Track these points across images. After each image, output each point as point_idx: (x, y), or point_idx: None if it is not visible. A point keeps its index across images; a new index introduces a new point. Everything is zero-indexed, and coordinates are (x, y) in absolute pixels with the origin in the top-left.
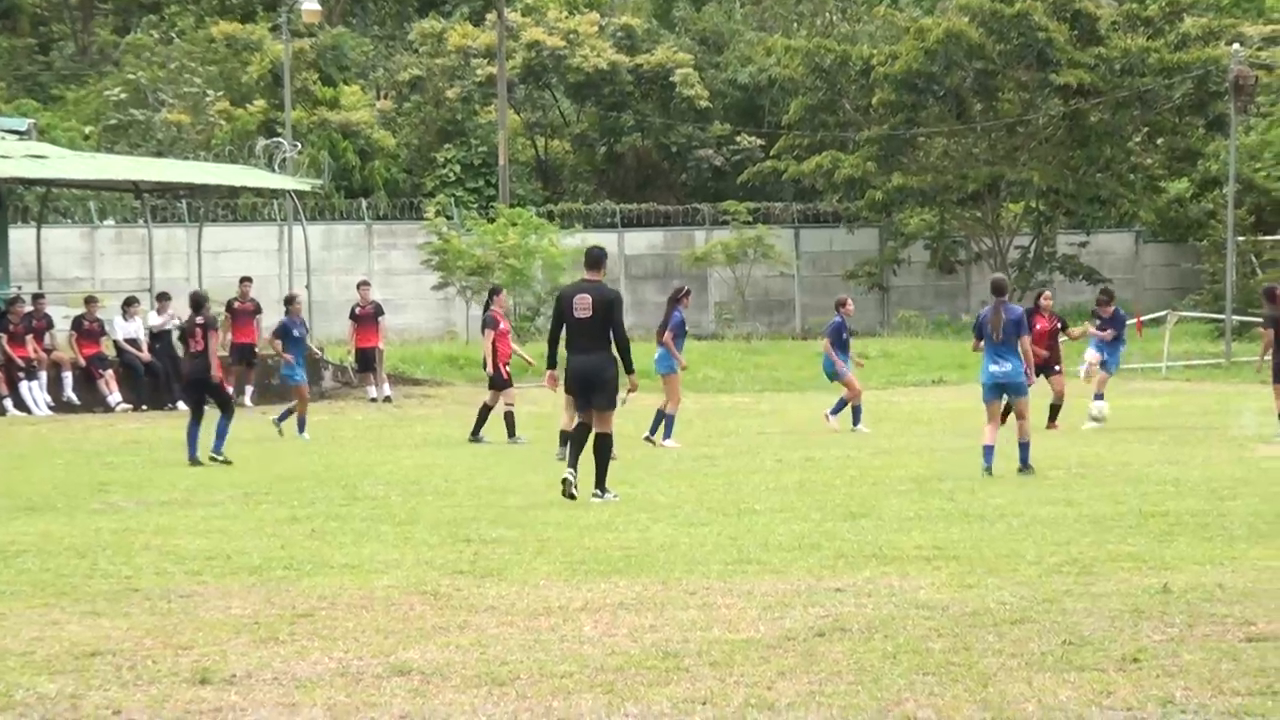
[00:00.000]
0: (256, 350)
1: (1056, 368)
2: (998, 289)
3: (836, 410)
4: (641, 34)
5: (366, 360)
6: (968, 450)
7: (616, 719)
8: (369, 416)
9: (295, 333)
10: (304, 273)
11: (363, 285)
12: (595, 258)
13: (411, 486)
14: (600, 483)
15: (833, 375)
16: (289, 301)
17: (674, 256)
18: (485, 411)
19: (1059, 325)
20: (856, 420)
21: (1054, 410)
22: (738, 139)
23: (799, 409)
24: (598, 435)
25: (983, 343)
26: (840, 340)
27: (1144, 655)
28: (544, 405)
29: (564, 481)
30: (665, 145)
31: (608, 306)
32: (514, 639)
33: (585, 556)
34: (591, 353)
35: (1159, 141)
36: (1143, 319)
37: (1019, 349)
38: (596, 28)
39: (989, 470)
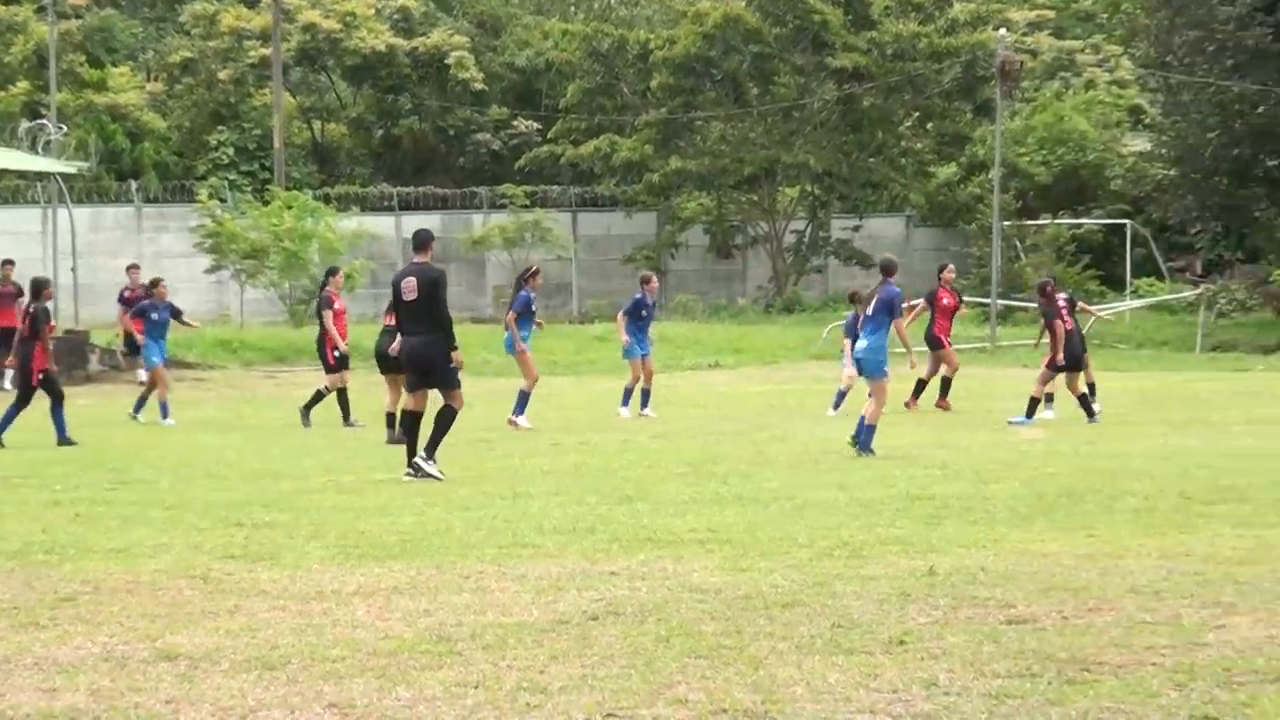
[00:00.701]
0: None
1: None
2: (886, 269)
3: (625, 401)
4: (419, 16)
5: (135, 344)
6: (743, 434)
7: (388, 703)
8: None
9: (155, 315)
10: (69, 256)
11: (132, 269)
12: (422, 240)
13: (182, 470)
14: (431, 449)
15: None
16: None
17: (452, 240)
18: (323, 396)
19: (959, 300)
20: (645, 403)
21: (945, 384)
22: (515, 123)
23: (576, 393)
24: (445, 406)
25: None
26: (639, 317)
27: (910, 638)
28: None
29: (413, 470)
30: (443, 129)
31: (431, 286)
32: (285, 623)
33: (359, 540)
34: (421, 335)
35: (929, 126)
36: (912, 303)
37: (887, 330)
38: (373, 10)
39: (850, 443)
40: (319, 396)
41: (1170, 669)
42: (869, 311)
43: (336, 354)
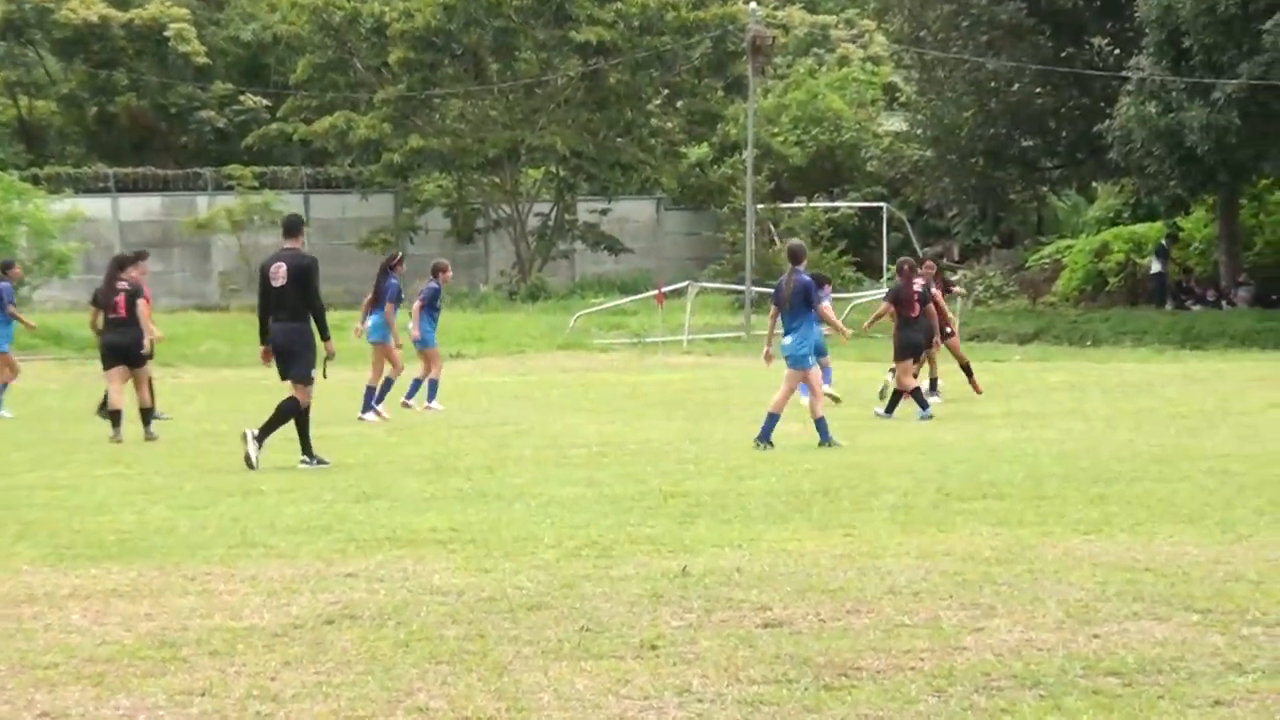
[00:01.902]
0: None
1: (949, 330)
2: (794, 256)
3: (411, 394)
4: None
5: None
6: (487, 427)
7: (106, 712)
8: None
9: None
10: None
11: None
12: (291, 224)
13: None
14: (264, 433)
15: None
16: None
17: (174, 224)
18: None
19: (944, 287)
20: (431, 396)
21: (967, 371)
22: (241, 99)
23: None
24: (289, 397)
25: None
26: (435, 309)
27: (662, 642)
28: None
29: (304, 459)
30: (163, 106)
31: (302, 274)
32: None
33: (74, 540)
34: (286, 322)
35: (679, 104)
36: (664, 290)
37: (813, 320)
38: None
39: (824, 444)
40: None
41: (929, 674)
42: (787, 305)
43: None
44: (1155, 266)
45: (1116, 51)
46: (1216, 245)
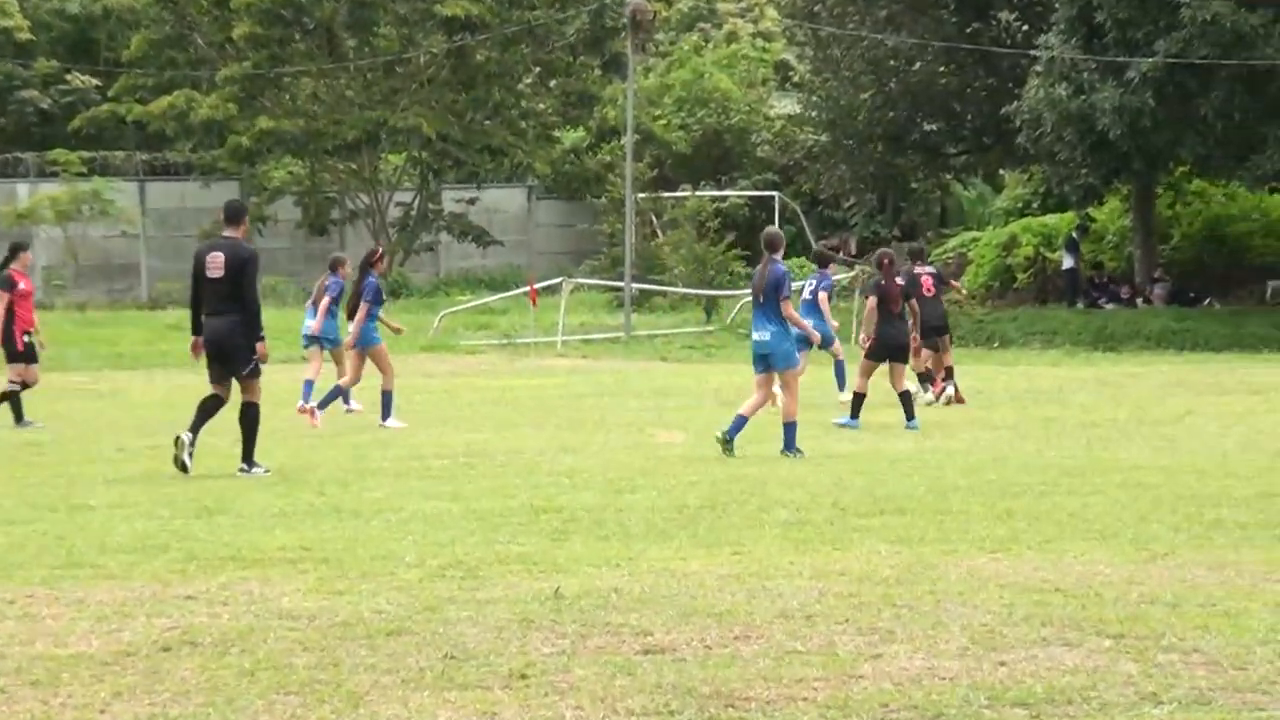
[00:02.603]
0: None
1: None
2: (770, 243)
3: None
4: None
5: None
6: (342, 436)
7: None
8: None
9: None
10: None
11: None
12: (234, 211)
13: None
14: (247, 456)
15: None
16: None
17: None
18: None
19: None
20: (311, 397)
21: (948, 374)
22: (68, 78)
23: (146, 390)
24: (244, 404)
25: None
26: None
27: (532, 670)
28: None
29: (177, 442)
30: None
31: (242, 265)
32: None
33: None
34: (223, 315)
35: (552, 84)
36: (536, 286)
37: (785, 315)
38: None
39: (725, 440)
40: (12, 395)
41: (823, 704)
42: (761, 298)
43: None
44: (1067, 262)
45: (1025, 28)
46: (1131, 239)
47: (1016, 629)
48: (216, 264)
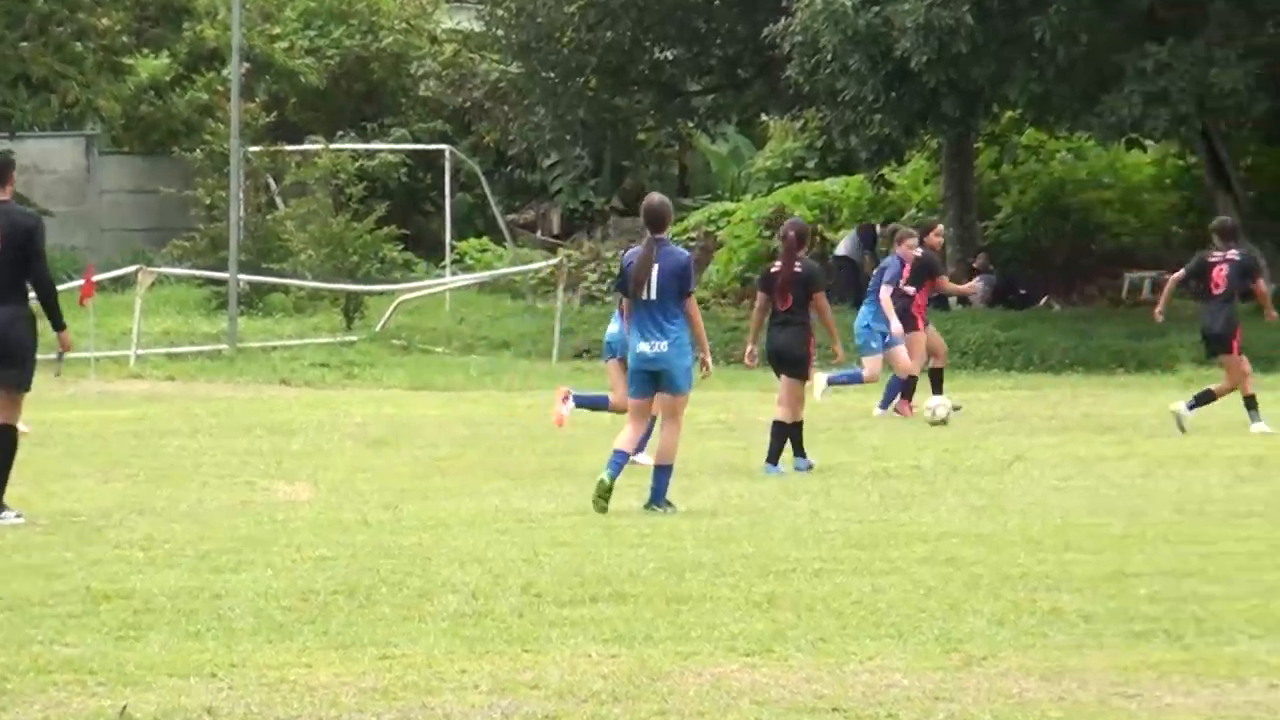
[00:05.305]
0: None
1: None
2: (655, 218)
3: None
4: None
5: None
6: None
7: None
8: None
9: None
10: None
11: None
12: (6, 165)
13: None
14: None
15: None
16: None
17: None
18: None
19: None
20: None
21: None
22: None
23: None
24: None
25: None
26: None
27: None
28: None
29: None
30: None
31: (24, 238)
32: None
33: None
34: (4, 305)
35: None
36: (95, 278)
37: (687, 318)
38: None
39: (605, 483)
40: None
41: None
42: (652, 294)
43: None
44: (842, 248)
45: None
46: (942, 211)
47: None
48: None
